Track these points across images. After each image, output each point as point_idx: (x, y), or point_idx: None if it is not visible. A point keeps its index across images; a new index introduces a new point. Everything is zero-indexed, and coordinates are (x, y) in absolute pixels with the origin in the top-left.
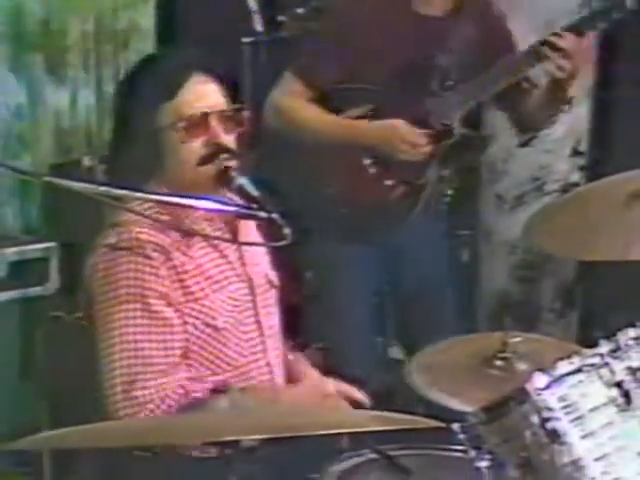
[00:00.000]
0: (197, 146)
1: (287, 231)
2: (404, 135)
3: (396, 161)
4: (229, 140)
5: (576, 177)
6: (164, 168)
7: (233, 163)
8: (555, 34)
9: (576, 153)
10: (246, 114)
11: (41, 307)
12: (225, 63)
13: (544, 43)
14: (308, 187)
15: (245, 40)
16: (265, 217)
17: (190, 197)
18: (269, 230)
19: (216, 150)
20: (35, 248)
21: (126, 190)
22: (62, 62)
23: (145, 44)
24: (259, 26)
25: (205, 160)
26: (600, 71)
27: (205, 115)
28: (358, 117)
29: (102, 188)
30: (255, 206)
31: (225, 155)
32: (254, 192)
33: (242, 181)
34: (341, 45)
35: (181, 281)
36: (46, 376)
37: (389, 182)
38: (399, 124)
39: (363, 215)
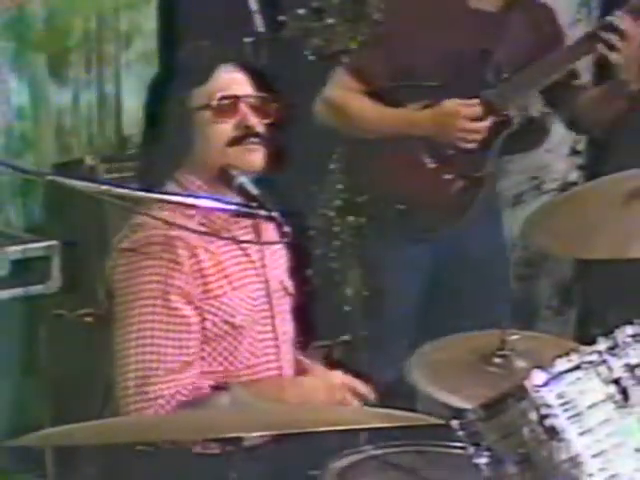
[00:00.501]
0: (228, 127)
1: (287, 230)
2: (458, 111)
3: (454, 153)
4: (259, 125)
5: (574, 176)
6: (194, 151)
7: (259, 146)
8: (613, 18)
9: (574, 152)
10: (275, 106)
11: (43, 305)
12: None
13: (600, 28)
14: (363, 184)
15: (246, 40)
16: (265, 216)
17: (191, 196)
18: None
19: (246, 132)
20: (37, 247)
21: (127, 190)
22: (64, 62)
23: (147, 44)
24: (260, 26)
25: (235, 141)
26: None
27: (235, 98)
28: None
29: (104, 187)
30: (255, 205)
31: (254, 139)
32: (254, 191)
33: (242, 180)
34: (393, 46)
35: (203, 277)
36: (48, 374)
37: (448, 176)
38: (452, 103)
39: (421, 212)
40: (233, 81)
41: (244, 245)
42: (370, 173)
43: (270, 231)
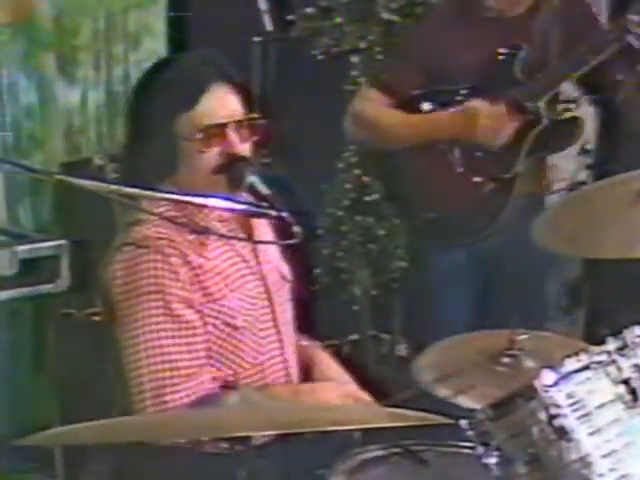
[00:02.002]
0: (213, 155)
1: (297, 229)
2: (484, 110)
3: (483, 155)
4: (244, 149)
5: (583, 176)
6: (177, 174)
7: (247, 170)
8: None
9: (583, 152)
10: (262, 122)
11: (52, 304)
12: (237, 68)
13: (628, 19)
14: (394, 193)
15: (255, 39)
16: (275, 215)
17: (201, 196)
18: (284, 230)
19: (231, 159)
20: (46, 246)
21: (137, 189)
22: (73, 62)
23: (156, 44)
24: (269, 25)
25: (220, 169)
26: None
27: (222, 126)
28: None
29: (113, 187)
30: (265, 204)
31: (240, 164)
32: (264, 190)
33: (252, 179)
34: (424, 57)
35: (200, 282)
36: (57, 373)
37: (477, 179)
38: (476, 103)
39: (453, 218)
40: (220, 104)
41: (235, 246)
42: (400, 182)
43: (262, 226)
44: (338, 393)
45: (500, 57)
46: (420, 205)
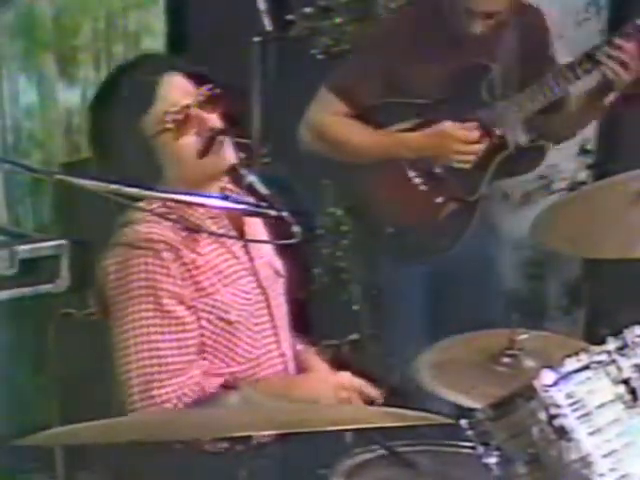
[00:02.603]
0: (192, 140)
1: (296, 229)
2: (455, 134)
3: (447, 176)
4: (217, 121)
5: (583, 176)
6: (165, 174)
7: (227, 141)
8: (609, 43)
9: (584, 152)
10: (219, 92)
11: (52, 304)
12: (235, 67)
13: (597, 49)
14: (352, 204)
15: (254, 39)
16: (275, 215)
17: (200, 195)
18: (278, 227)
19: (211, 135)
20: (46, 246)
21: (137, 188)
22: (73, 61)
23: (155, 44)
24: (268, 25)
25: (204, 150)
26: None
27: (185, 108)
28: (405, 131)
29: (113, 186)
30: (264, 204)
31: (220, 137)
32: (263, 190)
33: (251, 179)
34: (385, 62)
35: (192, 277)
36: (57, 373)
37: (439, 199)
38: (448, 125)
39: (411, 235)
40: (175, 90)
41: (226, 242)
42: (361, 194)
43: (254, 223)
44: (330, 383)
45: (467, 75)
46: (379, 220)
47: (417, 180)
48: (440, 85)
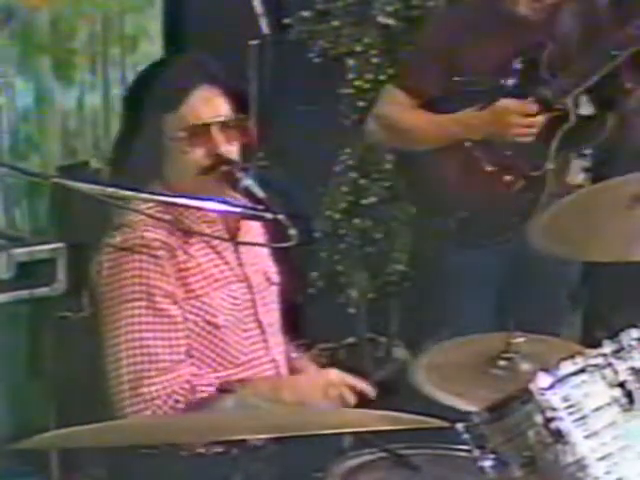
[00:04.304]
0: (198, 156)
1: (293, 232)
2: (513, 109)
3: (513, 154)
4: (231, 150)
5: (580, 179)
6: (164, 175)
7: (237, 173)
8: None
9: (580, 155)
10: (250, 124)
11: (49, 307)
12: (233, 71)
13: None
14: (419, 195)
15: (252, 42)
16: (271, 218)
17: (197, 198)
18: (277, 232)
19: (217, 161)
20: (43, 249)
21: (133, 191)
22: (70, 64)
23: (152, 47)
24: (266, 28)
25: (205, 171)
26: None
27: (207, 126)
28: None
29: (110, 189)
30: (261, 207)
31: (225, 167)
32: (260, 193)
33: (248, 182)
34: (444, 57)
35: (183, 278)
36: (54, 376)
37: (507, 178)
38: (505, 101)
39: (484, 217)
40: (204, 105)
41: (218, 247)
42: (427, 183)
43: (250, 228)
44: (319, 382)
45: (525, 56)
46: (450, 206)
47: (484, 161)
48: (499, 68)
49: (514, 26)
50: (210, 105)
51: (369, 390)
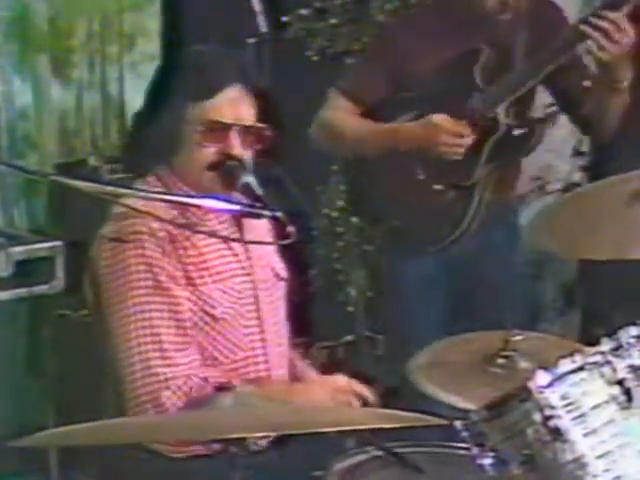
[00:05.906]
0: (210, 152)
1: (291, 230)
2: (443, 126)
3: (444, 163)
4: (244, 154)
5: (577, 177)
6: (173, 161)
7: (241, 171)
8: (594, 14)
9: (578, 153)
10: (268, 132)
11: (47, 305)
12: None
13: (584, 22)
14: (362, 200)
15: (250, 40)
16: (269, 216)
17: (196, 196)
18: (280, 231)
19: (226, 158)
20: (41, 247)
21: (132, 189)
22: (68, 63)
23: (150, 45)
24: (263, 27)
25: (214, 166)
26: None
27: (227, 126)
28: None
29: (108, 188)
30: (259, 205)
31: (233, 163)
32: (259, 191)
33: (247, 180)
34: (394, 61)
35: (182, 264)
36: (52, 374)
37: (438, 187)
38: (437, 117)
39: (415, 226)
40: (231, 105)
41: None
42: (368, 191)
43: (257, 224)
44: (329, 388)
45: (462, 62)
46: (386, 213)
47: (416, 169)
48: (437, 74)
49: (461, 27)
50: (236, 106)
51: (372, 398)
